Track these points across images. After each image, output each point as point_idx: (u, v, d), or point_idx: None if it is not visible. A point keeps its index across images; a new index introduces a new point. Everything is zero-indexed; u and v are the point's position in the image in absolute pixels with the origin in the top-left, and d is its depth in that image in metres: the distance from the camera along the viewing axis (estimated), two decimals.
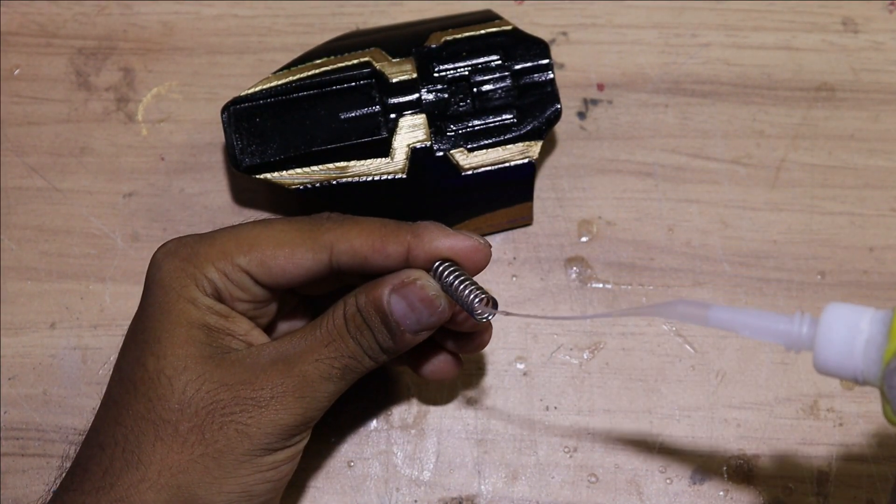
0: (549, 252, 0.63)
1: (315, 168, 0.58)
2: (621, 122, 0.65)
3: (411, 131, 0.58)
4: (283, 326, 0.55)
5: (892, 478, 0.59)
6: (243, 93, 0.58)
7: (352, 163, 0.58)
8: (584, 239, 0.63)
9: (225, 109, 0.58)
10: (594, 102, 0.65)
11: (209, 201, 0.64)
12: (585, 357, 0.61)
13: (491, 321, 0.52)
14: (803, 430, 0.60)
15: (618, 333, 0.62)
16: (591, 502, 0.59)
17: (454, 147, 0.58)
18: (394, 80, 0.58)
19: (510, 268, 0.63)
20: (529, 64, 0.59)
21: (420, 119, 0.58)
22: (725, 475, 0.60)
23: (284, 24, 0.66)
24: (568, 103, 0.65)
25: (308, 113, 0.58)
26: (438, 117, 0.58)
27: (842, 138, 0.65)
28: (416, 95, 0.58)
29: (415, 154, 0.58)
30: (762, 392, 0.61)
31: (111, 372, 0.51)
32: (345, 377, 0.50)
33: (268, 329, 0.54)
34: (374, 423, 0.60)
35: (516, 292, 0.62)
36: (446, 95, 0.59)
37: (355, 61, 0.59)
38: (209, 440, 0.48)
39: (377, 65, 0.58)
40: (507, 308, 0.61)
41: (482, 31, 0.59)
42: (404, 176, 0.58)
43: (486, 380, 0.61)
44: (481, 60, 0.59)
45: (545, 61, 0.59)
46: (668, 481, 0.60)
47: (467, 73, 0.59)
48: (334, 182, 0.58)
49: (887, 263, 0.63)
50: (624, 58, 0.66)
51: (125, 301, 0.62)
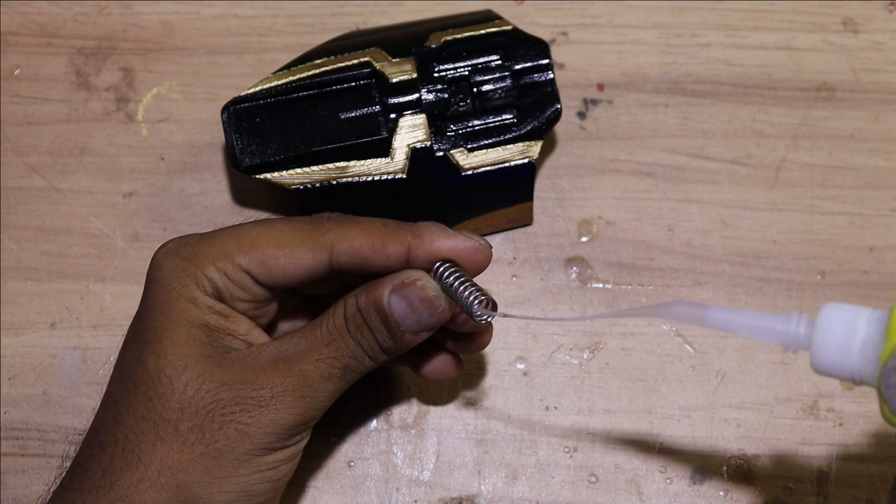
0: (549, 252, 0.63)
1: (315, 168, 0.58)
2: (621, 122, 0.65)
3: (411, 131, 0.58)
4: (284, 326, 0.55)
5: (892, 478, 0.59)
6: (243, 93, 0.58)
7: (352, 163, 0.58)
8: (584, 239, 0.63)
9: (225, 109, 0.58)
10: (594, 102, 0.65)
11: (209, 201, 0.64)
12: (585, 357, 0.61)
13: (491, 322, 0.52)
14: (803, 430, 0.60)
15: (618, 333, 0.62)
16: (591, 502, 0.59)
17: (454, 147, 0.58)
18: (394, 80, 0.58)
19: (510, 268, 0.63)
20: (529, 64, 0.59)
21: (420, 119, 0.58)
22: (725, 475, 0.60)
23: (284, 24, 0.66)
24: (568, 103, 0.65)
25: (308, 113, 0.58)
26: (438, 117, 0.58)
27: (842, 138, 0.65)
28: (416, 95, 0.58)
29: (415, 154, 0.58)
30: (762, 392, 0.61)
31: (111, 371, 0.51)
32: (345, 377, 0.50)
33: (268, 329, 0.54)
34: (374, 423, 0.60)
35: (516, 292, 0.62)
36: (446, 95, 0.59)
37: (355, 61, 0.59)
38: (209, 439, 0.48)
39: (377, 65, 0.58)
40: (507, 308, 0.61)
41: (482, 31, 0.59)
42: (404, 176, 0.58)
43: (486, 380, 0.61)
44: (481, 60, 0.59)
45: (545, 61, 0.59)
46: (668, 481, 0.60)
47: (467, 73, 0.59)
48: (334, 182, 0.58)
49: (887, 263, 0.63)
50: (624, 58, 0.66)
51: (125, 301, 0.62)
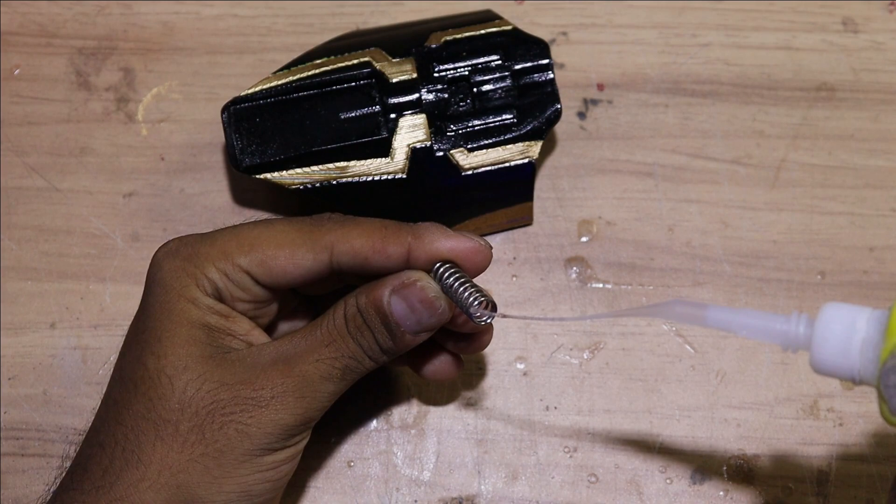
0: (549, 252, 0.63)
1: (315, 168, 0.58)
2: (621, 122, 0.65)
3: (411, 131, 0.58)
4: (284, 326, 0.55)
5: (893, 478, 0.59)
6: (243, 93, 0.58)
7: (352, 163, 0.58)
8: (584, 239, 0.63)
9: (225, 109, 0.58)
10: (594, 102, 0.65)
11: (209, 201, 0.64)
12: (585, 357, 0.61)
13: (491, 323, 0.52)
14: (803, 430, 0.60)
15: (618, 333, 0.62)
16: (591, 502, 0.59)
17: (454, 147, 0.58)
18: (394, 80, 0.58)
19: (510, 268, 0.63)
20: (529, 64, 0.59)
21: (420, 119, 0.58)
22: (725, 475, 0.60)
23: (284, 24, 0.66)
24: (568, 103, 0.65)
25: (308, 113, 0.58)
26: (438, 117, 0.58)
27: (842, 138, 0.65)
28: (416, 95, 0.58)
29: (415, 154, 0.58)
30: (762, 392, 0.61)
31: (111, 371, 0.51)
32: (345, 377, 0.50)
33: (268, 329, 0.54)
34: (374, 423, 0.60)
35: (516, 292, 0.62)
36: (446, 95, 0.59)
37: (355, 61, 0.59)
38: (209, 440, 0.48)
39: (377, 65, 0.58)
40: (507, 308, 0.61)
41: (482, 31, 0.59)
42: (404, 176, 0.58)
43: (486, 380, 0.61)
44: (481, 60, 0.59)
45: (545, 61, 0.59)
46: (668, 481, 0.60)
47: (467, 73, 0.59)
48: (334, 182, 0.58)
49: (887, 263, 0.63)
50: (624, 58, 0.66)
51: (125, 301, 0.62)
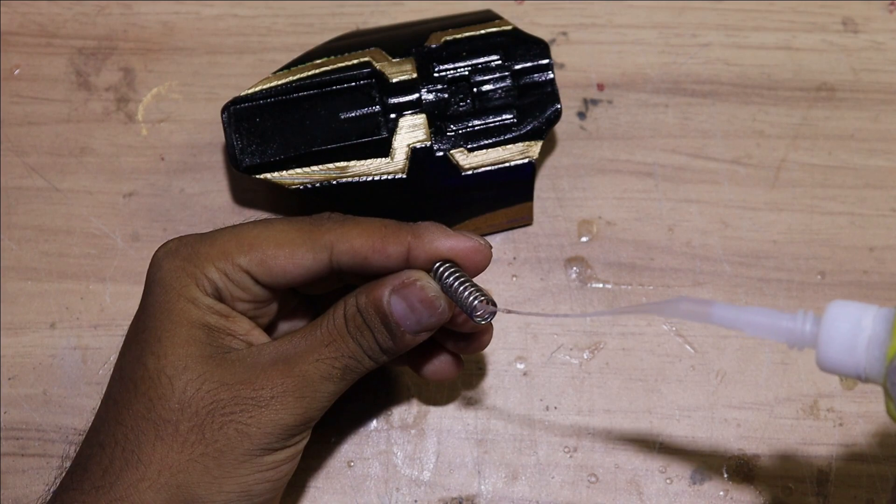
0: (549, 252, 0.63)
1: (315, 168, 0.58)
2: (621, 122, 0.65)
3: (411, 131, 0.58)
4: (284, 326, 0.55)
5: (893, 478, 0.59)
6: (243, 93, 0.58)
7: (352, 163, 0.58)
8: (584, 239, 0.63)
9: (225, 109, 0.58)
10: (594, 102, 0.65)
11: (209, 201, 0.64)
12: (585, 357, 0.61)
13: (491, 322, 0.52)
14: (803, 430, 0.60)
15: (618, 333, 0.62)
16: (591, 502, 0.59)
17: (454, 147, 0.58)
18: (394, 80, 0.58)
19: (510, 268, 0.63)
20: (529, 64, 0.59)
21: (420, 119, 0.58)
22: (725, 475, 0.60)
23: (284, 24, 0.66)
24: (568, 103, 0.65)
25: (308, 113, 0.58)
26: (438, 117, 0.58)
27: (842, 138, 0.65)
28: (416, 95, 0.58)
29: (415, 154, 0.58)
30: (762, 392, 0.61)
31: (111, 371, 0.51)
32: (345, 377, 0.50)
33: (268, 329, 0.54)
34: (374, 423, 0.60)
35: (516, 292, 0.62)
36: (446, 95, 0.59)
37: (355, 61, 0.59)
38: (209, 440, 0.48)
39: (377, 65, 0.58)
40: (508, 308, 0.61)
41: (482, 31, 0.59)
42: (404, 176, 0.58)
43: (486, 380, 0.61)
44: (481, 60, 0.59)
45: (545, 61, 0.59)
46: (668, 481, 0.60)
47: (467, 73, 0.59)
48: (334, 182, 0.58)
49: (887, 263, 0.63)
50: (624, 58, 0.66)
51: (125, 301, 0.62)
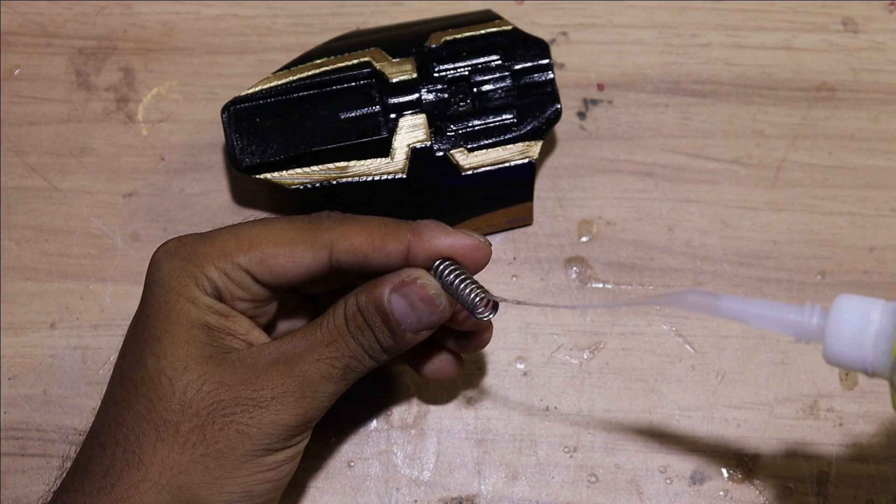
0: (549, 252, 0.63)
1: (315, 168, 0.58)
2: (621, 122, 0.65)
3: (411, 131, 0.58)
4: (284, 325, 0.55)
5: (893, 478, 0.59)
6: (243, 93, 0.58)
7: (352, 163, 0.58)
8: (584, 239, 0.63)
9: (225, 109, 0.58)
10: (594, 102, 0.65)
11: (209, 201, 0.64)
12: (585, 357, 0.61)
13: (492, 320, 0.52)
14: (803, 430, 0.60)
15: (618, 333, 0.62)
16: (591, 502, 0.59)
17: (454, 147, 0.58)
18: (394, 80, 0.58)
19: (510, 268, 0.63)
20: (529, 64, 0.59)
21: (420, 119, 0.58)
22: (725, 475, 0.60)
23: (284, 24, 0.66)
24: (568, 103, 0.65)
25: (308, 113, 0.58)
26: (438, 117, 0.58)
27: (842, 138, 0.65)
28: (416, 95, 0.58)
29: (415, 154, 0.58)
30: (762, 392, 0.61)
31: (111, 372, 0.51)
32: (345, 377, 0.50)
33: (268, 328, 0.54)
34: (374, 423, 0.60)
35: (516, 292, 0.62)
36: (446, 95, 0.59)
37: (355, 61, 0.59)
38: (210, 440, 0.48)
39: (377, 65, 0.58)
40: (508, 308, 0.61)
41: (482, 31, 0.59)
42: (404, 176, 0.58)
43: (486, 380, 0.61)
44: (481, 60, 0.59)
45: (545, 61, 0.59)
46: (668, 481, 0.60)
47: (467, 73, 0.59)
48: (334, 182, 0.58)
49: (887, 263, 0.63)
50: (624, 58, 0.66)
51: (125, 301, 0.62)
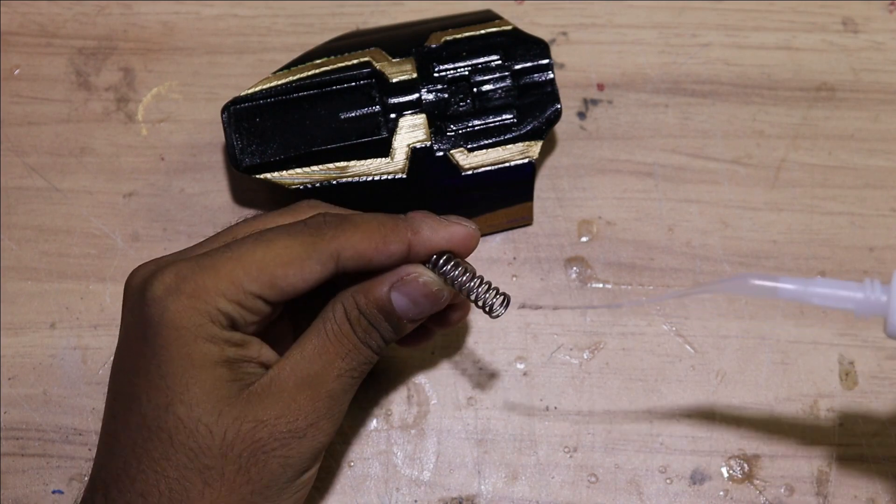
0: (549, 252, 0.63)
1: (315, 168, 0.58)
2: (621, 122, 0.65)
3: (411, 131, 0.58)
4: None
5: (893, 478, 0.59)
6: (243, 93, 0.58)
7: (352, 163, 0.58)
8: (584, 239, 0.63)
9: (225, 109, 0.58)
10: (594, 102, 0.65)
11: (209, 201, 0.64)
12: (585, 357, 0.61)
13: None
14: (803, 430, 0.60)
15: (618, 333, 0.62)
16: (591, 502, 0.59)
17: (454, 147, 0.58)
18: (394, 80, 0.58)
19: (510, 268, 0.63)
20: (529, 64, 0.59)
21: (420, 119, 0.58)
22: (725, 475, 0.60)
23: (284, 24, 0.66)
24: (568, 103, 0.65)
25: (308, 113, 0.58)
26: (438, 117, 0.58)
27: (842, 138, 0.65)
28: (416, 95, 0.58)
29: (415, 154, 0.58)
30: (762, 392, 0.61)
31: (121, 409, 0.50)
32: (359, 380, 0.51)
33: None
34: (374, 423, 0.60)
35: (516, 292, 0.62)
36: (446, 95, 0.59)
37: (355, 61, 0.59)
38: (255, 478, 0.48)
39: (377, 65, 0.58)
40: (511, 307, 0.61)
41: (482, 31, 0.59)
42: (404, 176, 0.58)
43: (486, 380, 0.61)
44: (481, 60, 0.59)
45: (545, 61, 0.59)
46: (668, 481, 0.60)
47: (467, 73, 0.59)
48: (334, 182, 0.58)
49: (887, 263, 0.63)
50: (624, 58, 0.66)
51: None
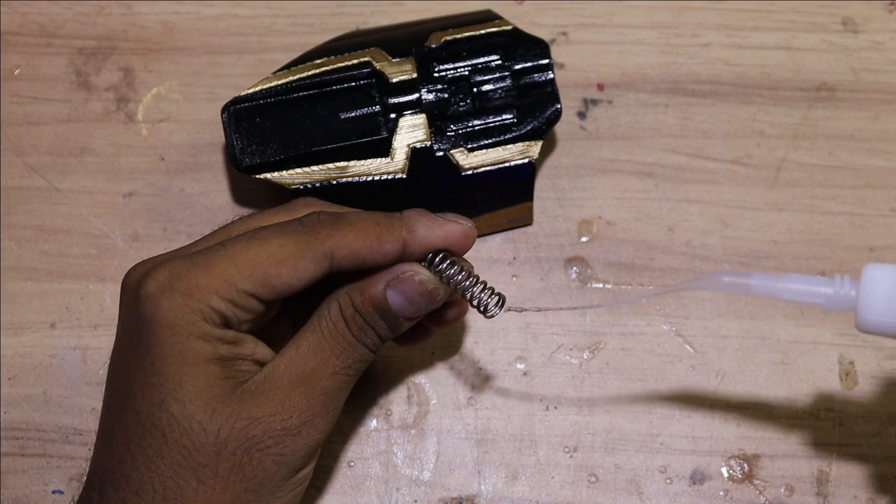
0: (549, 252, 0.63)
1: (315, 168, 0.58)
2: (621, 122, 0.65)
3: (411, 131, 0.58)
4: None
5: (893, 478, 0.59)
6: (243, 93, 0.58)
7: (352, 163, 0.58)
8: (584, 239, 0.63)
9: (225, 109, 0.58)
10: (594, 102, 0.65)
11: (209, 201, 0.64)
12: (585, 357, 0.61)
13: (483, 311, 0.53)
14: (803, 430, 0.60)
15: (618, 333, 0.62)
16: (591, 502, 0.59)
17: (454, 147, 0.58)
18: (394, 80, 0.58)
19: (510, 268, 0.63)
20: (529, 64, 0.59)
21: (420, 119, 0.58)
22: (725, 475, 0.60)
23: (284, 24, 0.66)
24: (568, 103, 0.65)
25: (308, 113, 0.58)
26: (438, 117, 0.58)
27: (842, 138, 0.65)
28: (416, 95, 0.58)
29: (415, 154, 0.58)
30: (762, 392, 0.61)
31: (117, 406, 0.50)
32: (356, 378, 0.51)
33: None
34: (374, 423, 0.60)
35: (516, 292, 0.62)
36: (446, 95, 0.59)
37: (355, 61, 0.59)
38: (249, 476, 0.48)
39: (377, 65, 0.58)
40: (510, 305, 0.61)
41: (482, 31, 0.59)
42: (404, 176, 0.58)
43: (486, 380, 0.61)
44: (481, 60, 0.59)
45: (545, 61, 0.59)
46: (668, 481, 0.60)
47: (467, 73, 0.59)
48: (334, 182, 0.58)
49: (887, 263, 0.63)
50: (624, 58, 0.66)
51: None
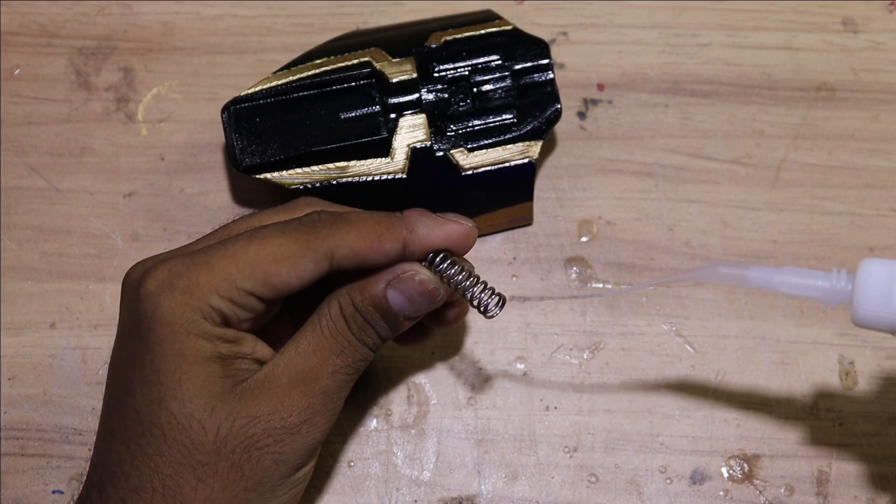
0: (549, 252, 0.63)
1: (315, 168, 0.58)
2: (621, 122, 0.65)
3: (411, 131, 0.58)
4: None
5: (893, 478, 0.59)
6: (243, 93, 0.58)
7: (352, 163, 0.58)
8: (584, 239, 0.63)
9: (225, 109, 0.58)
10: (594, 102, 0.65)
11: (209, 201, 0.64)
12: (585, 357, 0.61)
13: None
14: (803, 430, 0.60)
15: (618, 333, 0.62)
16: (591, 502, 0.59)
17: (454, 147, 0.58)
18: (394, 80, 0.58)
19: (510, 268, 0.63)
20: (529, 64, 0.59)
21: (420, 119, 0.58)
22: (725, 475, 0.60)
23: (284, 24, 0.66)
24: (568, 103, 0.65)
25: (308, 113, 0.58)
26: (438, 117, 0.58)
27: (842, 138, 0.65)
28: (416, 95, 0.58)
29: (415, 154, 0.58)
30: (762, 392, 0.61)
31: (116, 404, 0.50)
32: (355, 378, 0.51)
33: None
34: (374, 423, 0.60)
35: (516, 292, 0.62)
36: (446, 95, 0.59)
37: (355, 61, 0.59)
38: (248, 475, 0.48)
39: (377, 65, 0.58)
40: (509, 306, 0.61)
41: (482, 31, 0.59)
42: (404, 176, 0.58)
43: (486, 380, 0.61)
44: (481, 60, 0.59)
45: (545, 61, 0.59)
46: (668, 481, 0.60)
47: (467, 73, 0.59)
48: (334, 182, 0.58)
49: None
50: (624, 58, 0.66)
51: None
